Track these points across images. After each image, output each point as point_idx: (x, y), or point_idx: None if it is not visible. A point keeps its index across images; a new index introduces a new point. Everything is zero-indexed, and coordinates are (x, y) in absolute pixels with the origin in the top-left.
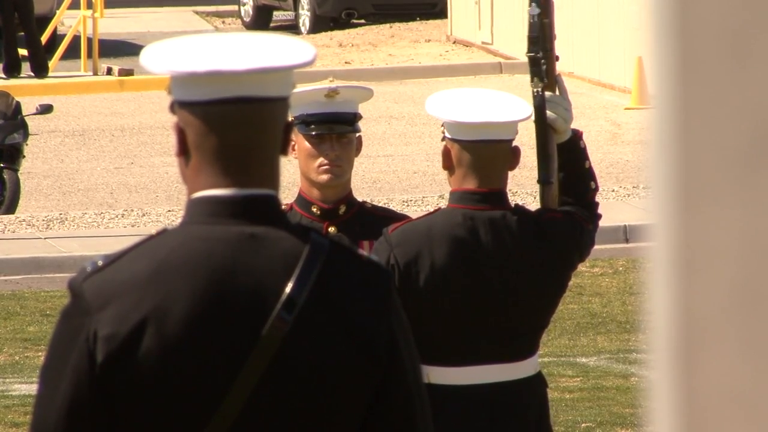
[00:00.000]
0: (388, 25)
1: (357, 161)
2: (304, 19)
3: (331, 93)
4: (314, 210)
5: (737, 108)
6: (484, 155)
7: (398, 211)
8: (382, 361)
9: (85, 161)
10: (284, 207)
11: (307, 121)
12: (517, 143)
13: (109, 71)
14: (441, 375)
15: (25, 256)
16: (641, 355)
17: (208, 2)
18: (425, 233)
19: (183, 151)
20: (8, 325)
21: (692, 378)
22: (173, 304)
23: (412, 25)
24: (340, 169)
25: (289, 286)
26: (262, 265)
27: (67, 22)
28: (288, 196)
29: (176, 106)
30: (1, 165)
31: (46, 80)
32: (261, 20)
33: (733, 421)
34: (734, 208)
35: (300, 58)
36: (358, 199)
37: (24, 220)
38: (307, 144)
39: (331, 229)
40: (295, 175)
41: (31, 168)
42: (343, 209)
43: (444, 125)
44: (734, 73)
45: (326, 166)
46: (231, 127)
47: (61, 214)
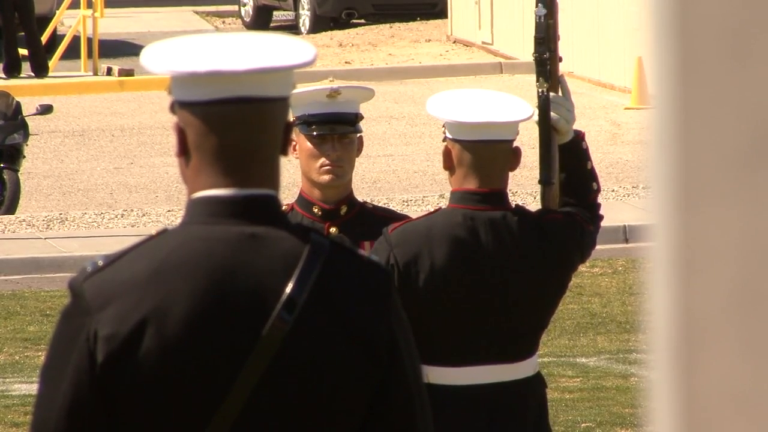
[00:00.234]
0: (388, 25)
1: (357, 161)
2: (304, 19)
3: (333, 93)
4: (315, 210)
5: (737, 108)
6: (485, 155)
7: (398, 212)
8: (382, 361)
9: (85, 161)
10: (285, 207)
11: (309, 122)
12: (516, 143)
13: (109, 71)
14: (441, 375)
15: (25, 256)
16: (641, 355)
17: (208, 2)
18: (425, 233)
19: (183, 152)
20: (8, 325)
21: (692, 378)
22: (173, 304)
23: (412, 25)
24: (342, 169)
25: (290, 287)
26: (262, 266)
27: (67, 22)
28: (288, 196)
29: (176, 106)
30: (1, 165)
31: (46, 80)
32: (261, 20)
33: (733, 421)
34: (734, 208)
35: (300, 58)
36: (359, 199)
37: (24, 220)
38: (309, 144)
39: (333, 230)
40: (295, 175)
41: (31, 168)
42: (344, 210)
43: (445, 125)
44: (734, 73)
45: (328, 167)
46: (231, 127)
47: (61, 214)
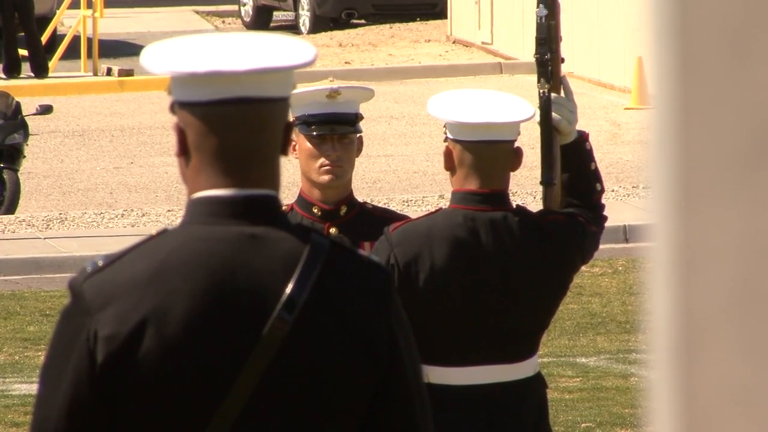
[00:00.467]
0: (388, 25)
1: (357, 161)
2: (304, 19)
3: (333, 93)
4: (315, 211)
5: (737, 108)
6: (486, 156)
7: (398, 212)
8: (383, 361)
9: (85, 161)
10: (285, 208)
11: (309, 122)
12: (516, 143)
13: (109, 71)
14: (441, 375)
15: (25, 256)
16: (641, 355)
17: (208, 2)
18: (426, 233)
19: (183, 152)
20: (8, 325)
21: (692, 378)
22: (173, 305)
23: (412, 25)
24: (342, 169)
25: (290, 287)
26: (262, 266)
27: (67, 22)
28: (288, 196)
29: (176, 107)
30: (1, 165)
31: (46, 80)
32: (261, 20)
33: (733, 421)
34: (734, 208)
35: (300, 58)
36: (359, 199)
37: (24, 220)
38: (309, 144)
39: (333, 230)
40: (295, 175)
41: (31, 168)
42: (344, 210)
43: (446, 126)
44: (734, 73)
45: (327, 167)
46: (231, 127)
47: (61, 214)
